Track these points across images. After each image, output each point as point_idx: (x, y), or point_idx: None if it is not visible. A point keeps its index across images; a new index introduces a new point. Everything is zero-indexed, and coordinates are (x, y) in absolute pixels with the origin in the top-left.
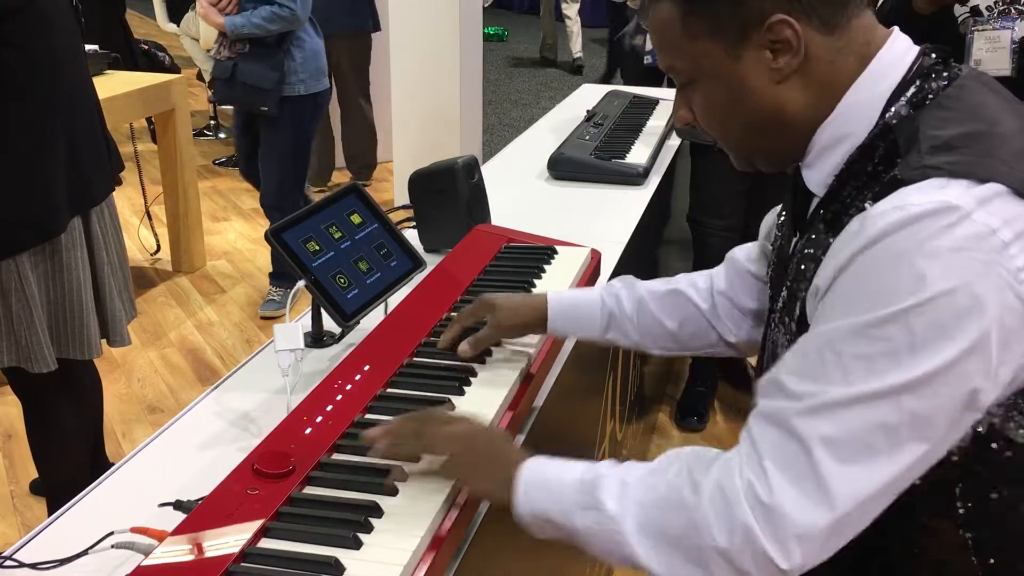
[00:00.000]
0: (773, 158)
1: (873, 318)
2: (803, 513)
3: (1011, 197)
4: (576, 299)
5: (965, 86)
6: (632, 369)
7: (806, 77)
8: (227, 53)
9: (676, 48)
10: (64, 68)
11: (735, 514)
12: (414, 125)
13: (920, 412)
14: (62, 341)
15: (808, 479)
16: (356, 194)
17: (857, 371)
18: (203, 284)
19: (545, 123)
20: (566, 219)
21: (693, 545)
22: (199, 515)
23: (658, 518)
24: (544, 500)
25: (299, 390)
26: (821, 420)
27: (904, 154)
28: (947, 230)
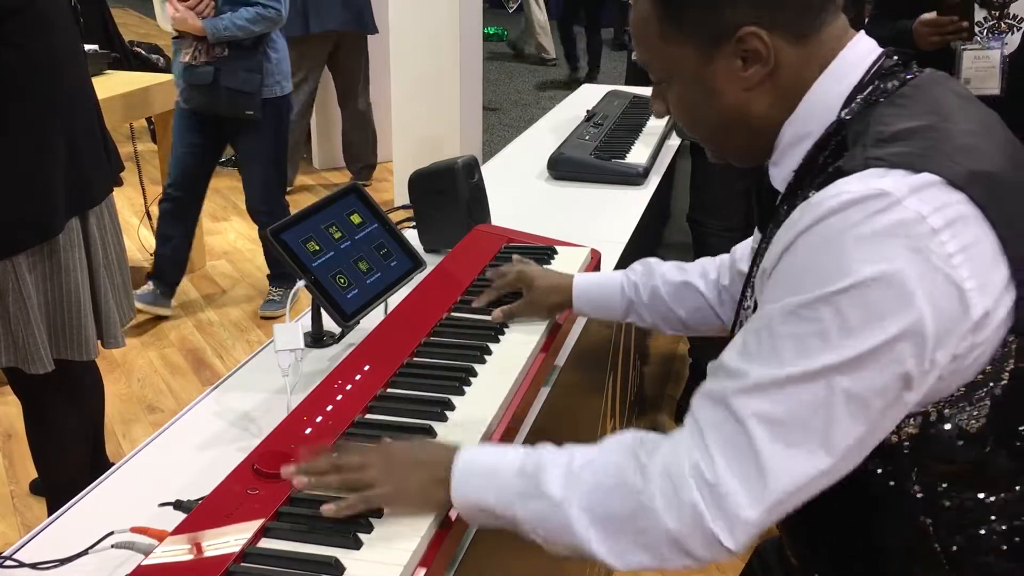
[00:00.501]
0: (743, 155)
1: (805, 299)
2: (745, 493)
3: (946, 187)
4: (600, 286)
5: (921, 85)
6: (632, 369)
7: (774, 84)
8: (205, 58)
9: (652, 47)
10: (64, 68)
11: (683, 496)
12: (414, 125)
13: (853, 392)
14: (59, 342)
15: (748, 459)
16: (356, 194)
17: (789, 351)
18: (203, 284)
19: (545, 123)
20: (566, 219)
21: (641, 528)
22: (199, 515)
23: (606, 504)
24: (481, 489)
25: (299, 390)
26: (757, 399)
27: (851, 147)
28: (877, 215)
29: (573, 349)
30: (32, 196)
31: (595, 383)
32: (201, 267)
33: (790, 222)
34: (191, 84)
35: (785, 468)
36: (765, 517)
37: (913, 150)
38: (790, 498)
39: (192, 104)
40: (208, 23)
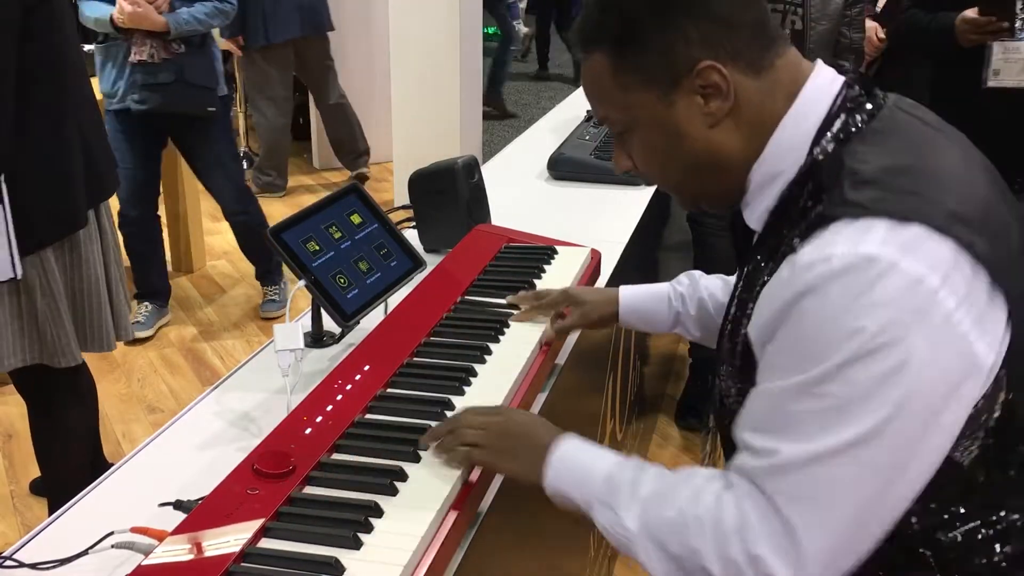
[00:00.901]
0: (715, 199)
1: (814, 375)
2: (780, 563)
3: (935, 237)
4: (647, 297)
5: (888, 117)
6: (632, 369)
7: (737, 119)
8: (164, 55)
9: (610, 99)
10: (74, 64)
11: (728, 551)
12: (414, 125)
13: (876, 462)
14: (82, 335)
15: (781, 534)
16: (356, 194)
17: (807, 428)
18: (203, 284)
19: (545, 123)
20: (566, 219)
21: (691, 566)
22: (199, 515)
23: (664, 537)
24: (569, 484)
25: (299, 390)
26: (783, 479)
27: (829, 189)
28: (877, 283)
29: (573, 349)
30: (59, 189)
31: (595, 383)
32: (201, 267)
33: (779, 281)
34: (148, 84)
35: (816, 542)
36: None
37: (892, 195)
38: (831, 566)
39: (150, 105)
40: (170, 18)
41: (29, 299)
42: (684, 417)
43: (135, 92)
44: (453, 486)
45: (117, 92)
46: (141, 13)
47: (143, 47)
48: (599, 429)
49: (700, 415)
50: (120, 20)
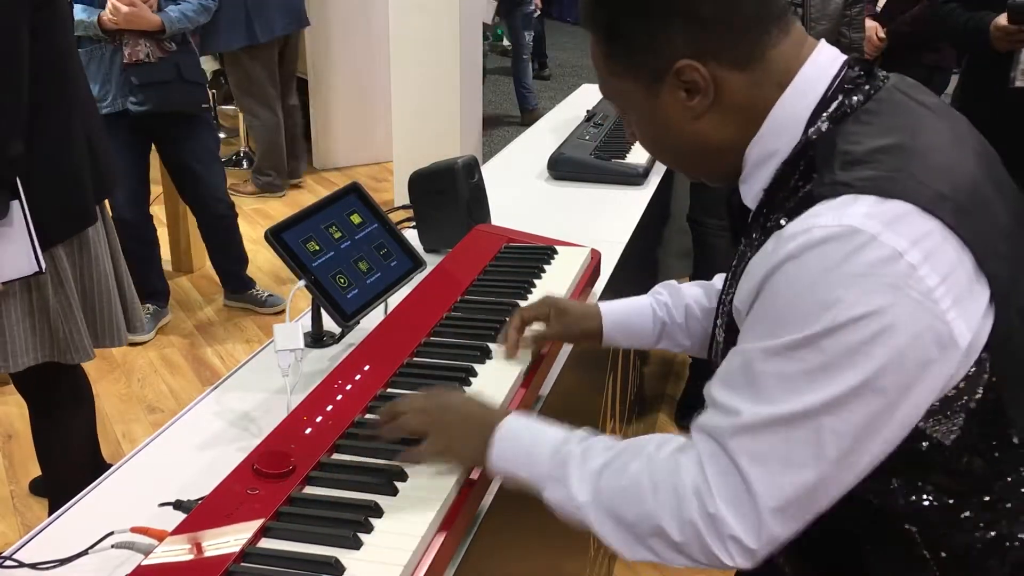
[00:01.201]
0: (712, 176)
1: (789, 340)
2: (738, 521)
3: (920, 215)
4: (629, 312)
5: (885, 99)
6: (632, 369)
7: (723, 110)
8: (160, 54)
9: (606, 81)
10: (75, 62)
11: (685, 514)
12: (414, 125)
13: (840, 430)
14: (94, 331)
15: (740, 492)
16: (356, 194)
17: (775, 391)
18: (203, 284)
19: (545, 123)
20: (566, 219)
21: (649, 532)
22: (199, 515)
23: (618, 507)
24: (516, 462)
25: (299, 390)
26: (747, 438)
27: (820, 169)
28: (855, 254)
29: (573, 349)
30: (68, 186)
31: (595, 383)
32: (201, 267)
33: (764, 253)
34: (146, 84)
35: (774, 499)
36: (763, 544)
37: (881, 173)
38: (780, 523)
39: (149, 105)
40: (164, 16)
41: (41, 296)
42: (684, 417)
43: (132, 93)
44: (453, 486)
45: (107, 96)
46: (137, 12)
47: (137, 47)
48: (599, 429)
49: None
50: (113, 22)
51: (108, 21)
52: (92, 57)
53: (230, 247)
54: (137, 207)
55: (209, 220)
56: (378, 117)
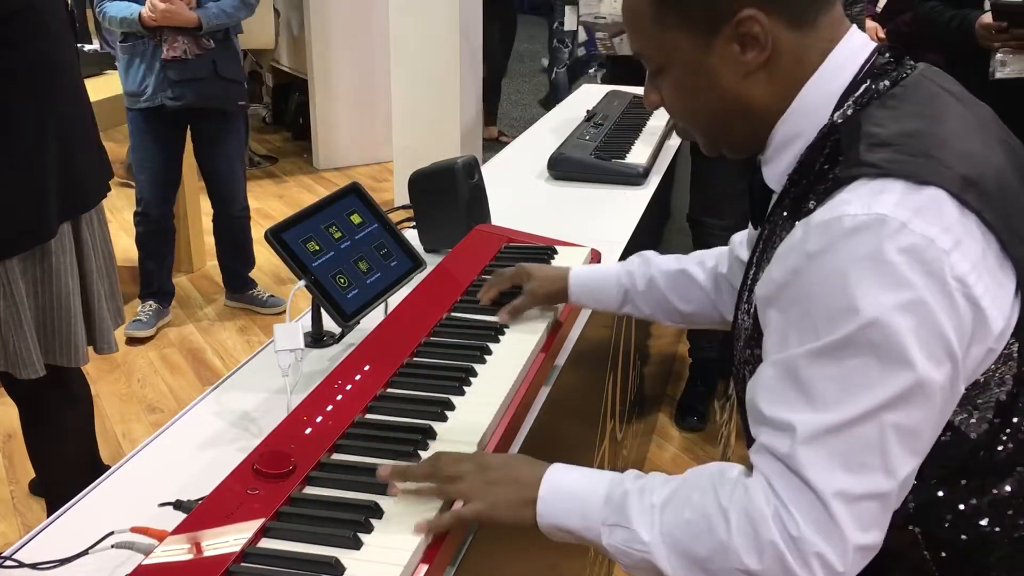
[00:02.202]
0: (737, 146)
1: (832, 341)
2: (821, 538)
3: (948, 200)
4: (595, 276)
5: (911, 85)
6: (632, 369)
7: (771, 71)
8: (196, 51)
9: (647, 36)
10: (58, 72)
11: (763, 538)
12: (414, 125)
13: (901, 425)
14: (50, 347)
15: (817, 508)
16: (356, 194)
17: (829, 395)
18: (203, 284)
19: (545, 123)
20: (566, 219)
21: (722, 567)
22: (199, 515)
23: (687, 543)
24: (566, 514)
25: (299, 390)
26: (811, 451)
27: (845, 152)
28: (887, 243)
29: (573, 349)
30: (26, 200)
31: (595, 383)
32: (201, 267)
33: (793, 241)
34: (183, 80)
35: (853, 510)
36: (850, 563)
37: (906, 156)
38: (867, 535)
39: (185, 101)
40: (201, 13)
41: None
42: (684, 417)
43: (168, 89)
44: None
45: (145, 91)
46: (174, 10)
47: (175, 44)
48: (599, 429)
49: (700, 415)
50: (151, 18)
51: (147, 18)
52: (135, 52)
53: (240, 247)
54: (163, 204)
55: (226, 219)
56: (378, 117)
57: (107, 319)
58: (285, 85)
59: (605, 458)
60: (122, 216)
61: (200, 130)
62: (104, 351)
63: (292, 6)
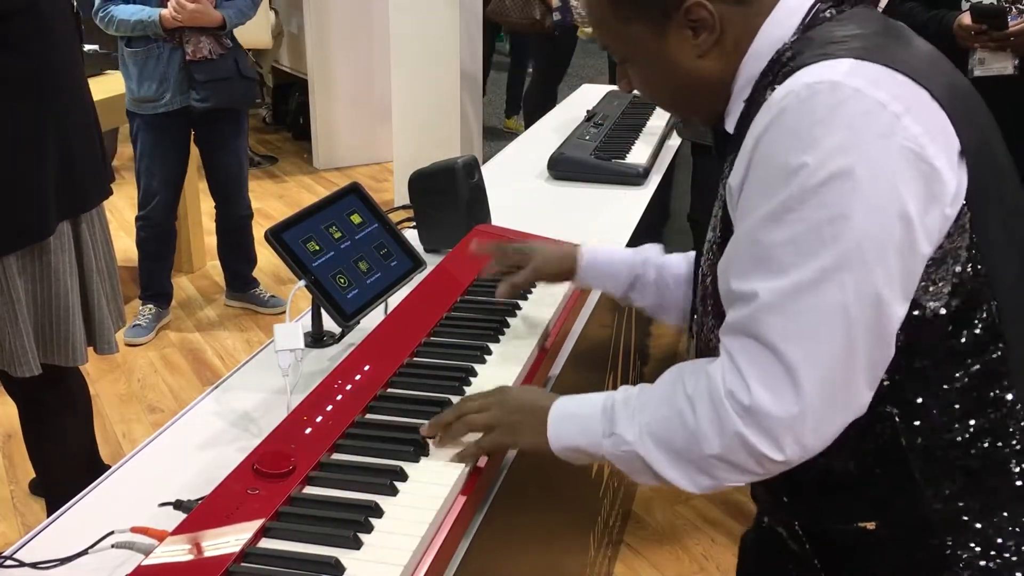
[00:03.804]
0: (706, 115)
1: (784, 200)
2: (780, 406)
3: (898, 75)
4: (608, 258)
5: (859, 12)
6: (632, 369)
7: (723, 46)
8: (220, 50)
9: (608, 31)
10: (61, 73)
11: (724, 421)
12: (414, 125)
13: (861, 284)
14: (47, 346)
15: (778, 374)
16: (356, 194)
17: (787, 257)
18: (203, 284)
19: (545, 123)
20: (566, 219)
21: (697, 456)
22: (199, 515)
23: (666, 436)
24: (572, 433)
25: (299, 390)
26: (773, 316)
27: (797, 56)
28: (840, 106)
29: (573, 349)
30: (23, 198)
31: (595, 383)
32: (201, 267)
33: (755, 124)
34: (209, 80)
35: (812, 372)
36: (810, 430)
37: (860, 47)
38: (828, 399)
39: (213, 102)
40: (224, 12)
41: None
42: None
43: (194, 90)
44: (453, 486)
45: (163, 95)
46: (202, 9)
47: (200, 44)
48: None
49: None
50: (176, 19)
51: (171, 18)
52: (149, 56)
53: (244, 247)
54: (169, 208)
55: (231, 219)
56: (378, 117)
57: (107, 319)
58: (285, 85)
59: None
60: (122, 216)
61: (211, 131)
62: (104, 351)
63: (291, 6)
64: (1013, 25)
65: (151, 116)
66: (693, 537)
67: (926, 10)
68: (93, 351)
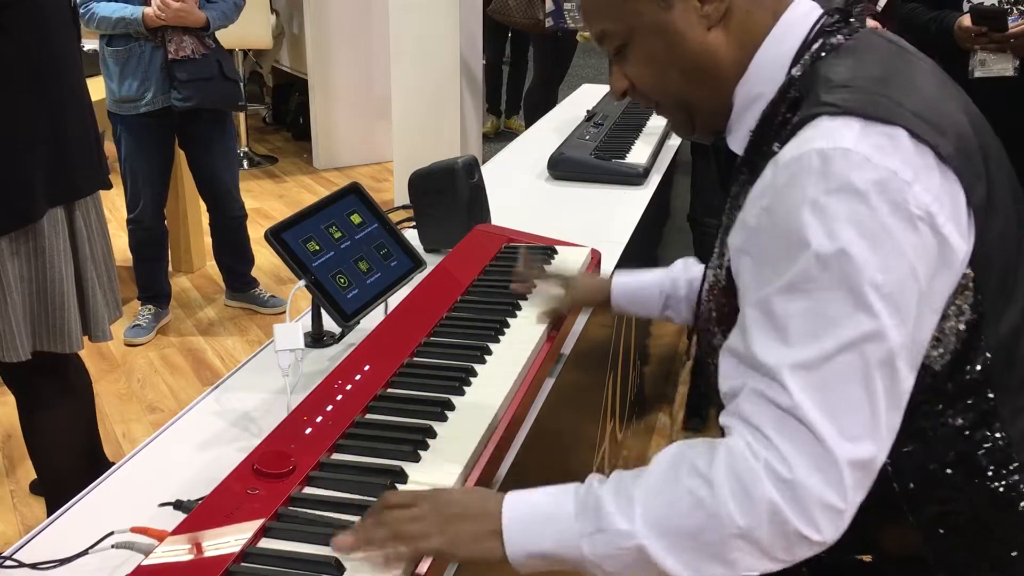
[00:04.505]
0: (707, 116)
1: (798, 273)
2: (820, 479)
3: (905, 136)
4: (638, 283)
5: (863, 38)
6: (632, 369)
7: (728, 28)
8: (202, 50)
9: (608, 10)
10: (57, 64)
11: (756, 495)
12: (414, 125)
13: (882, 356)
14: (41, 332)
15: (814, 446)
16: (356, 194)
17: (807, 328)
18: (203, 284)
19: (545, 123)
20: (566, 219)
21: (715, 539)
22: (199, 515)
23: (676, 522)
24: (537, 538)
25: (299, 390)
26: (798, 386)
27: (806, 96)
28: (852, 175)
29: (573, 349)
30: (12, 182)
31: (595, 383)
32: (201, 267)
33: (763, 182)
34: (191, 79)
35: (850, 445)
36: (849, 504)
37: (863, 96)
38: (863, 470)
39: (195, 101)
40: (208, 14)
41: None
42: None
43: (175, 90)
44: (453, 486)
45: (145, 95)
46: (187, 8)
47: (183, 43)
48: (599, 428)
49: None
50: (160, 18)
51: (155, 17)
52: (131, 55)
53: (240, 247)
54: (158, 209)
55: (224, 220)
56: (378, 117)
57: (101, 307)
58: (285, 85)
59: (605, 458)
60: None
61: (195, 132)
62: (98, 339)
63: (292, 6)
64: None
65: (133, 117)
66: None
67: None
68: (88, 340)
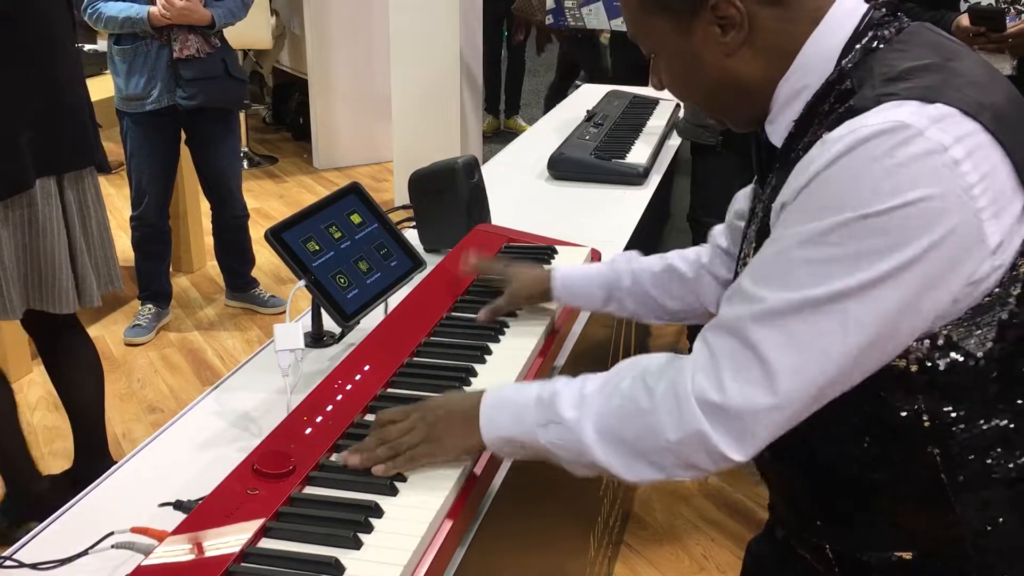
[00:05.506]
0: (739, 120)
1: (825, 225)
2: (748, 401)
3: (961, 116)
4: (577, 276)
5: (915, 32)
6: None
7: (755, 47)
8: (208, 49)
9: (637, 22)
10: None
11: (685, 414)
12: (414, 125)
13: (863, 318)
14: (34, 293)
15: (758, 376)
16: (356, 194)
17: (805, 276)
18: (203, 284)
19: (545, 123)
20: (566, 219)
21: (649, 447)
22: (199, 515)
23: (615, 425)
24: (506, 423)
25: (299, 390)
26: (770, 326)
27: (859, 89)
28: (900, 146)
29: (573, 349)
30: (2, 152)
31: None
32: (201, 267)
33: (807, 160)
34: (196, 78)
35: (794, 383)
36: (770, 422)
37: (923, 84)
38: (792, 410)
39: (200, 100)
40: (213, 11)
41: None
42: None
43: (181, 88)
44: (453, 486)
45: (151, 93)
46: (191, 7)
47: (188, 42)
48: None
49: None
50: (165, 16)
51: (160, 16)
52: (137, 53)
53: (241, 247)
54: (163, 208)
55: (227, 219)
56: (378, 117)
57: (90, 273)
58: (285, 85)
59: None
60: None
61: (200, 131)
62: (87, 304)
63: (292, 6)
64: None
65: (139, 115)
66: (693, 537)
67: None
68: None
